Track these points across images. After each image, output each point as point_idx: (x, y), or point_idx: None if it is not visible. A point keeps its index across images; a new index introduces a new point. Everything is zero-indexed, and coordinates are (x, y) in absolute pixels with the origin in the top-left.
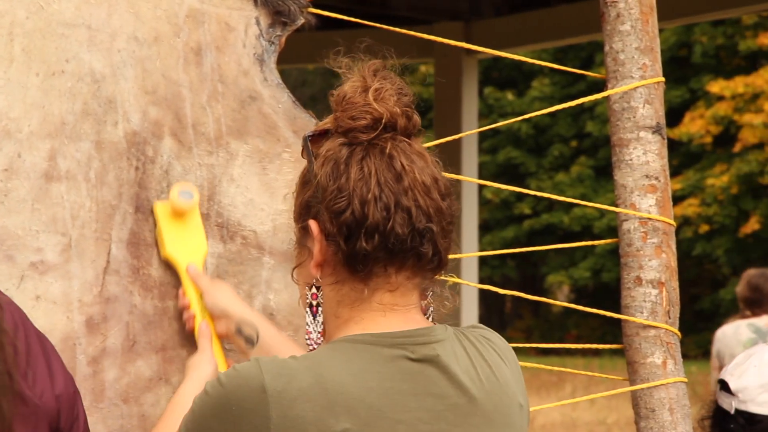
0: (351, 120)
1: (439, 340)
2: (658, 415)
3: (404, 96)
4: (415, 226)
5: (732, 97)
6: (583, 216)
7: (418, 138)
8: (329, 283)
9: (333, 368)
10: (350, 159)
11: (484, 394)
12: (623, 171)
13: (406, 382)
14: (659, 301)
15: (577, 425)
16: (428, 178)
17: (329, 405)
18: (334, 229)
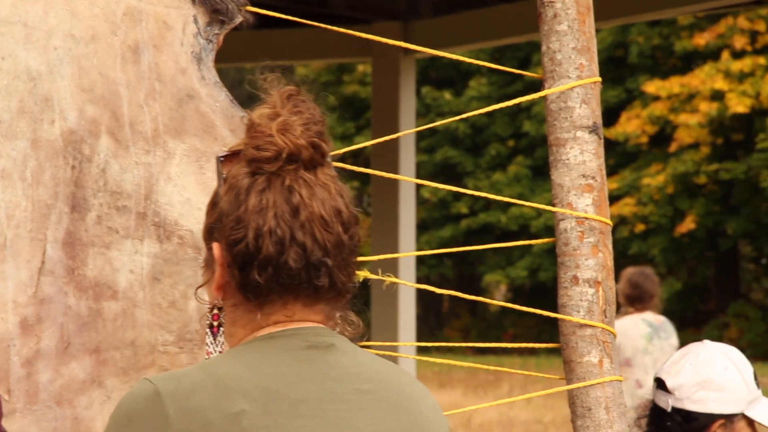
0: (256, 150)
1: (335, 335)
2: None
3: (314, 125)
4: (310, 260)
5: (668, 97)
6: (521, 215)
7: (327, 167)
8: (229, 305)
9: (224, 364)
10: (251, 189)
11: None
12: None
13: (303, 366)
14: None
15: (514, 424)
16: (329, 210)
17: (224, 392)
18: (230, 257)
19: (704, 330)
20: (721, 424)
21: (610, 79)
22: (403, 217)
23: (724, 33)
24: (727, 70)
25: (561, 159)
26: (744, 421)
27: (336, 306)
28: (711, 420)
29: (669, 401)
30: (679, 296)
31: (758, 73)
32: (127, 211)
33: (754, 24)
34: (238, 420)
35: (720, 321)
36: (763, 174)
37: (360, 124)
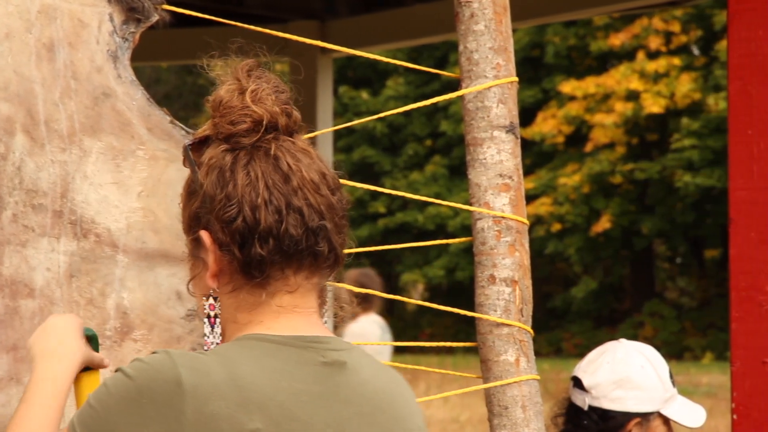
0: (231, 125)
1: (346, 348)
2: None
3: (281, 93)
4: (309, 226)
5: (583, 97)
6: (438, 215)
7: (300, 134)
8: (226, 292)
9: (244, 365)
10: (235, 165)
11: (386, 405)
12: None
13: (317, 385)
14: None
15: (430, 423)
16: (316, 174)
17: (243, 402)
18: (227, 237)
19: (619, 329)
20: (637, 423)
21: (527, 79)
22: None
23: (639, 34)
24: (642, 71)
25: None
26: (660, 419)
27: (328, 277)
28: (627, 418)
29: (586, 400)
30: (595, 295)
31: (673, 74)
32: (43, 209)
33: (669, 25)
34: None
35: (635, 320)
36: (677, 174)
37: None
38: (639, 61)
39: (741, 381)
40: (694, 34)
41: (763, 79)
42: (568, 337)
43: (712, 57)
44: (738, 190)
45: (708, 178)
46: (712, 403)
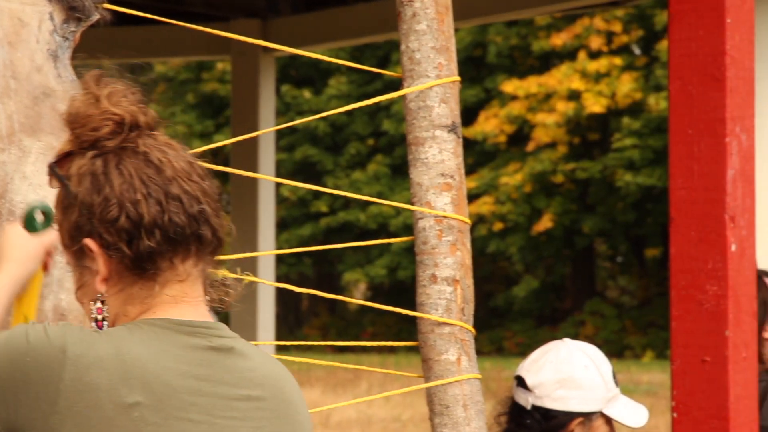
0: (94, 131)
1: (233, 336)
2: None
3: (132, 95)
4: (189, 212)
5: (525, 97)
6: (380, 214)
7: (159, 130)
8: (115, 292)
9: (132, 343)
10: (107, 168)
11: (276, 391)
12: (419, 169)
13: (203, 368)
14: (454, 298)
15: (372, 422)
16: (185, 163)
17: (125, 377)
18: (114, 237)
19: (561, 327)
20: (579, 423)
21: (469, 78)
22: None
23: (581, 33)
24: (584, 70)
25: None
26: (602, 419)
27: (211, 263)
28: (570, 418)
29: (529, 399)
30: (536, 294)
31: (614, 74)
32: None
33: (610, 25)
34: (130, 411)
35: (576, 318)
36: (618, 173)
37: (219, 122)
38: (580, 61)
39: (681, 379)
40: (635, 34)
41: (703, 79)
42: (509, 336)
43: (653, 57)
44: (678, 189)
45: (649, 177)
46: (653, 401)
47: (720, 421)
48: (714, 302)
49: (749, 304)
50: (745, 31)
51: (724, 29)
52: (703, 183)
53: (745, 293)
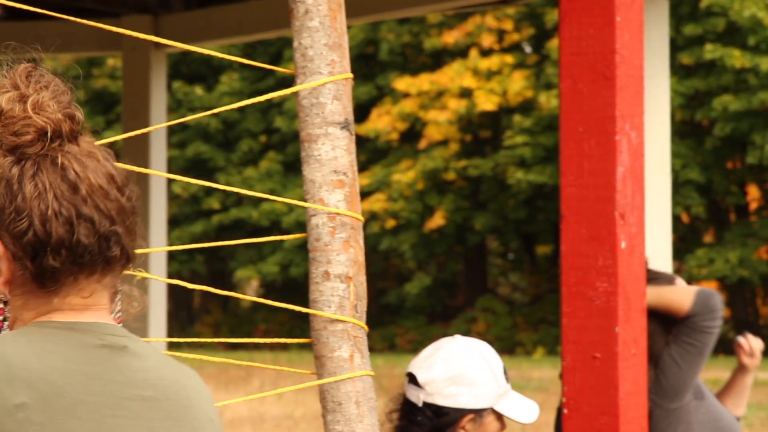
0: (14, 136)
1: (128, 336)
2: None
3: (63, 96)
4: (100, 233)
5: (418, 95)
6: (272, 211)
7: (85, 136)
8: (16, 296)
9: (17, 345)
10: (22, 177)
11: (171, 393)
12: (312, 166)
13: (93, 366)
14: (347, 295)
15: (264, 419)
16: (104, 178)
17: (10, 378)
18: (19, 251)
19: (452, 324)
20: (470, 419)
21: (361, 75)
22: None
23: (473, 31)
24: (476, 68)
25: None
26: (493, 415)
27: (120, 275)
28: (461, 414)
29: (420, 396)
30: (428, 291)
31: (505, 72)
32: None
33: (502, 23)
34: (15, 413)
35: (468, 315)
36: (509, 170)
37: (110, 119)
38: (472, 59)
39: (571, 375)
40: (527, 33)
41: (594, 77)
42: (401, 332)
43: (544, 55)
44: (569, 186)
45: (540, 175)
46: (544, 397)
47: (610, 416)
48: (604, 299)
49: (639, 300)
50: (634, 30)
51: (614, 28)
52: (593, 180)
53: (635, 290)
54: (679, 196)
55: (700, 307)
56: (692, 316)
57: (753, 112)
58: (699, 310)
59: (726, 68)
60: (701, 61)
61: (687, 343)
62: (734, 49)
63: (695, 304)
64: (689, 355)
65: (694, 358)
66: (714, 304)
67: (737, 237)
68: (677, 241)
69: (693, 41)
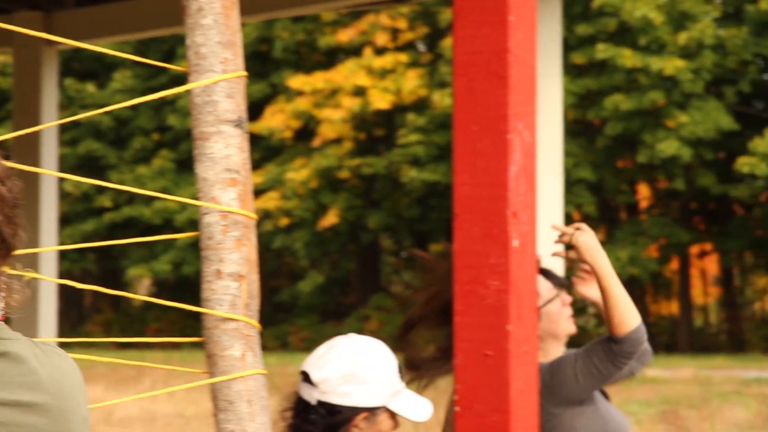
0: None
1: (12, 338)
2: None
3: None
4: None
5: (312, 93)
6: (165, 209)
7: None
8: None
9: None
10: None
11: (51, 396)
12: (205, 164)
13: None
14: (239, 293)
15: (155, 418)
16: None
17: None
18: None
19: (345, 322)
20: (364, 417)
21: (255, 73)
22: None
23: (367, 30)
24: (369, 67)
25: (206, 153)
26: (387, 413)
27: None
28: (354, 413)
29: (314, 394)
30: (322, 289)
31: (399, 70)
32: None
33: (396, 21)
34: None
35: (361, 313)
36: (403, 169)
37: (0, 116)
38: (366, 57)
39: (464, 373)
40: (420, 31)
41: (487, 76)
42: (294, 331)
43: (438, 54)
44: (462, 185)
45: (433, 173)
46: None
47: (501, 414)
48: (496, 297)
49: (530, 299)
50: (527, 29)
51: (507, 27)
52: (486, 179)
53: (527, 288)
54: (570, 195)
55: (631, 341)
56: (618, 342)
57: (643, 111)
58: (629, 342)
59: (617, 68)
60: (593, 60)
61: (594, 366)
62: (625, 49)
63: (631, 334)
64: (591, 378)
65: (593, 382)
66: (641, 348)
67: (628, 235)
68: None
69: (585, 41)
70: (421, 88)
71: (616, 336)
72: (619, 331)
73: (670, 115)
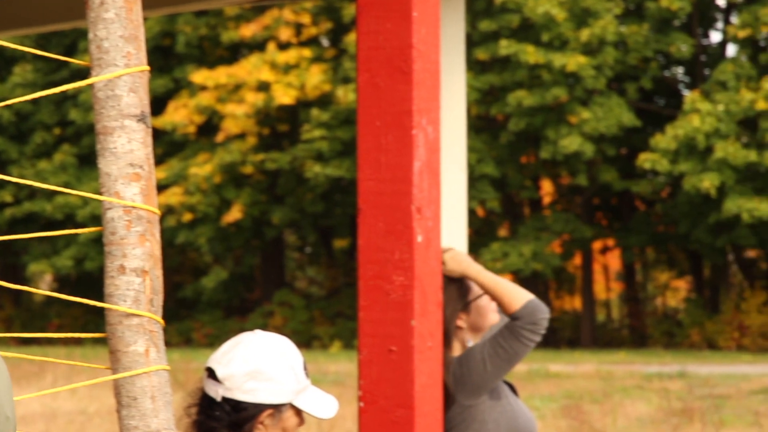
0: None
1: None
2: (140, 403)
3: None
4: None
5: (215, 88)
6: (67, 204)
7: None
8: None
9: None
10: None
11: None
12: (107, 159)
13: None
14: (142, 289)
15: (57, 415)
16: None
17: None
18: None
19: (249, 318)
20: (269, 414)
21: (158, 68)
22: None
23: (270, 25)
24: (273, 62)
25: (108, 147)
26: (292, 410)
27: None
28: (259, 410)
29: (219, 391)
30: (226, 285)
31: (303, 65)
32: None
33: (299, 16)
34: None
35: (265, 309)
36: (307, 164)
37: None
38: (270, 52)
39: (368, 369)
40: (324, 27)
41: (391, 71)
42: (198, 326)
43: (342, 49)
44: (366, 180)
45: (337, 168)
46: (340, 390)
47: (405, 409)
48: (401, 292)
49: (435, 294)
50: (431, 25)
51: (411, 23)
52: (390, 174)
53: (431, 284)
54: (474, 191)
55: (526, 313)
56: (516, 319)
57: (546, 107)
58: (525, 315)
59: (520, 64)
60: (496, 56)
61: (500, 346)
62: (528, 45)
63: (524, 308)
64: (498, 358)
65: (502, 363)
66: (540, 318)
67: (531, 231)
68: (473, 234)
69: (488, 37)
70: (325, 84)
71: (510, 315)
72: (510, 309)
73: (573, 111)
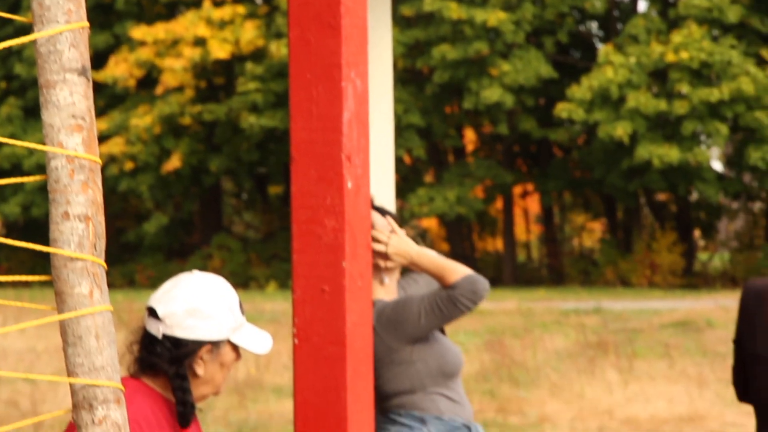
0: None
1: None
2: (85, 342)
3: None
4: None
5: (154, 43)
6: (13, 154)
7: None
8: None
9: None
10: None
11: None
12: (50, 111)
13: None
14: (86, 234)
15: (7, 354)
16: None
17: None
18: None
19: (189, 261)
20: (208, 350)
21: (99, 24)
22: None
23: None
24: (209, 18)
25: (51, 100)
26: (229, 346)
27: None
28: (199, 346)
29: (160, 328)
30: (166, 230)
31: (237, 21)
32: None
33: None
34: None
35: (204, 252)
36: (243, 115)
37: None
38: (206, 9)
39: (302, 308)
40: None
41: (320, 27)
42: (140, 269)
43: (274, 6)
44: (298, 130)
45: (271, 119)
46: (276, 328)
47: (337, 346)
48: (332, 236)
49: (364, 237)
50: None
51: None
52: (321, 125)
53: (361, 227)
54: (401, 140)
55: (464, 284)
56: (453, 288)
57: (469, 60)
58: (462, 285)
59: (444, 19)
60: (421, 12)
61: (438, 307)
62: (451, 2)
63: (462, 281)
64: (433, 316)
65: (436, 320)
66: (478, 288)
67: (455, 177)
68: (400, 181)
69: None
70: (258, 39)
71: (448, 286)
72: (447, 282)
73: (494, 64)
